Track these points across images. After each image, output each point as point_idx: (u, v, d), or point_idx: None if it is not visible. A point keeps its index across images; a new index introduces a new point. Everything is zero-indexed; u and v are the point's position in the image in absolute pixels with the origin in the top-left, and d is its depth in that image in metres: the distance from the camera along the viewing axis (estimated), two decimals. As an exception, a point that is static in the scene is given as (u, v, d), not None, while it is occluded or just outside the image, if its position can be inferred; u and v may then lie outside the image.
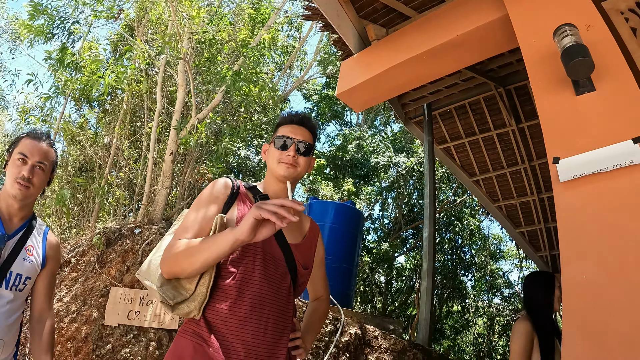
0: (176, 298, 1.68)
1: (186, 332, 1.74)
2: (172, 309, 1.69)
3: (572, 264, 2.12)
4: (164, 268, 1.70)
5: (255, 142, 13.04)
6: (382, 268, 16.42)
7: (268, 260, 1.85)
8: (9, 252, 2.23)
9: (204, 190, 1.92)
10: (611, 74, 2.36)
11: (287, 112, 2.13)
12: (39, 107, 9.31)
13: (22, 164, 2.28)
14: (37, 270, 2.37)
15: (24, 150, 2.31)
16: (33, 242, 2.37)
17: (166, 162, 7.10)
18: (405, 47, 3.89)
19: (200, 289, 1.71)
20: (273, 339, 1.78)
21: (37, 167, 2.32)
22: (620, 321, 1.88)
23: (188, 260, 1.65)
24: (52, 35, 8.80)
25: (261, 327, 1.75)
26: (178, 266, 1.68)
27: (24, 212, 2.37)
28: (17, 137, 2.41)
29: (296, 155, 1.98)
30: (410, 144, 17.47)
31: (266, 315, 1.77)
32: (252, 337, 1.72)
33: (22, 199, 2.30)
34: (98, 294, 5.35)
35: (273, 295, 1.82)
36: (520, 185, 8.29)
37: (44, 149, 2.36)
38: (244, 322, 1.72)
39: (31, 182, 2.29)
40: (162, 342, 4.97)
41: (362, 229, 8.09)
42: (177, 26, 7.11)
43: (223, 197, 1.90)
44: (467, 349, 18.39)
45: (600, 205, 2.14)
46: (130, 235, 5.92)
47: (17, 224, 2.34)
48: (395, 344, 5.20)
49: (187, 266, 1.66)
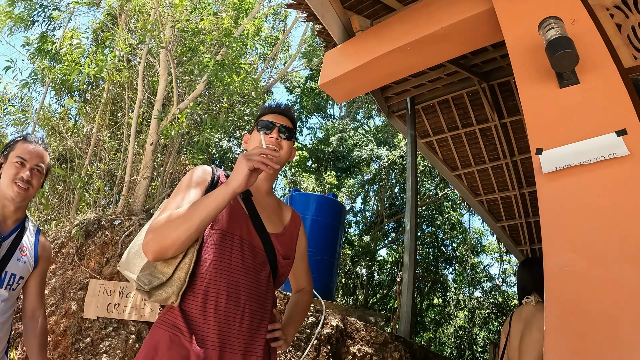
0: (152, 283, 1.62)
1: (162, 322, 1.70)
2: (149, 295, 1.63)
3: (555, 256, 2.12)
4: (152, 247, 1.60)
5: (237, 134, 12.96)
6: (364, 261, 16.50)
7: (246, 248, 1.81)
8: (4, 253, 2.32)
9: (186, 177, 1.88)
10: (595, 67, 2.37)
11: (269, 104, 2.14)
12: (18, 96, 9.14)
13: (21, 167, 2.39)
14: (30, 270, 2.48)
15: (22, 153, 2.40)
16: (26, 242, 2.47)
17: (147, 153, 7.01)
18: (390, 39, 3.88)
19: (179, 273, 1.66)
20: (250, 329, 1.75)
21: (35, 170, 2.43)
22: (602, 312, 1.89)
23: (184, 225, 1.59)
24: (32, 22, 8.65)
25: (237, 316, 1.72)
26: (169, 237, 1.59)
27: (18, 214, 2.46)
28: (12, 140, 2.50)
29: (279, 138, 1.99)
30: (393, 137, 17.52)
31: (242, 305, 1.74)
32: (227, 326, 1.69)
33: (20, 200, 2.40)
34: (77, 286, 5.28)
35: (250, 284, 1.79)
36: (502, 180, 8.34)
37: (41, 153, 2.48)
38: (219, 311, 1.69)
39: (30, 184, 2.40)
40: (141, 335, 4.92)
41: (344, 222, 8.09)
42: (159, 14, 7.01)
43: (204, 184, 1.86)
44: (448, 341, 18.58)
45: (582, 197, 2.15)
46: (110, 226, 5.84)
47: (11, 226, 2.43)
48: (377, 336, 5.21)
49: (181, 233, 1.59)
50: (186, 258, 1.68)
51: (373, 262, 16.87)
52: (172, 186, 8.20)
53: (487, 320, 18.11)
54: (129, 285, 5.12)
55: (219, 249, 1.75)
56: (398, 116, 7.43)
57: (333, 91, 4.43)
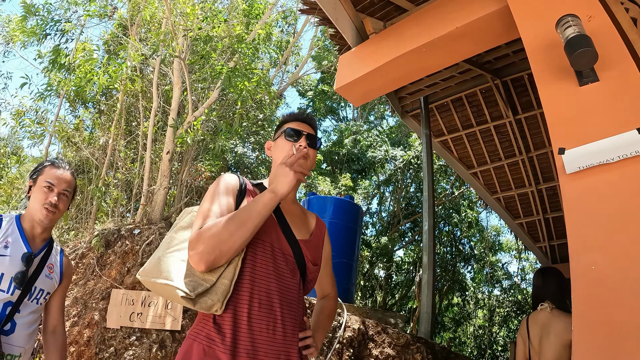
0: (196, 289, 1.60)
1: (195, 334, 1.71)
2: (194, 303, 1.60)
3: (581, 256, 2.11)
4: (207, 255, 1.60)
5: (252, 139, 13.00)
6: (382, 262, 16.45)
7: (277, 255, 1.82)
8: (34, 269, 2.45)
9: (215, 184, 1.88)
10: (614, 64, 2.35)
11: (291, 112, 2.16)
12: (34, 109, 9.25)
13: (49, 192, 2.51)
14: (55, 286, 2.61)
15: (51, 179, 2.53)
16: (52, 261, 2.60)
17: (163, 162, 7.05)
18: (404, 40, 3.87)
19: (223, 281, 1.65)
20: (284, 336, 1.74)
21: (63, 195, 2.56)
22: (629, 311, 1.88)
23: (240, 231, 1.63)
24: (44, 35, 8.74)
25: (271, 324, 1.71)
26: (226, 244, 1.61)
27: (45, 234, 2.60)
28: (41, 165, 2.63)
29: (307, 146, 2.01)
30: (407, 137, 17.47)
31: (276, 312, 1.74)
32: (261, 334, 1.69)
33: (48, 223, 2.52)
34: (99, 296, 5.32)
35: (283, 291, 1.79)
36: (518, 177, 8.29)
37: (68, 178, 2.61)
38: (253, 319, 1.68)
39: (57, 208, 2.52)
40: (164, 344, 4.95)
41: (361, 224, 8.07)
42: (171, 24, 7.06)
43: (235, 192, 1.87)
44: (468, 341, 18.46)
45: (607, 196, 2.13)
46: (130, 236, 5.89)
47: (40, 244, 2.55)
48: (399, 338, 5.19)
49: (237, 238, 1.62)
50: (230, 266, 1.68)
51: (391, 263, 16.82)
52: (189, 194, 8.25)
53: (506, 318, 17.97)
54: (151, 294, 5.15)
55: (252, 257, 1.76)
56: (412, 116, 7.41)
57: (349, 95, 4.43)
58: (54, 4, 9.22)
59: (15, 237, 2.44)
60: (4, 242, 2.37)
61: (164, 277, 1.65)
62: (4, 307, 2.29)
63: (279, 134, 2.09)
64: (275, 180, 1.75)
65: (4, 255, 2.34)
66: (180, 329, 5.00)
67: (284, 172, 1.74)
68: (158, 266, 1.71)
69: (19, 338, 2.35)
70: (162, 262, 1.72)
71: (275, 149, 2.09)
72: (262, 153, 13.43)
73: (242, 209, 1.70)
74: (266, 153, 2.19)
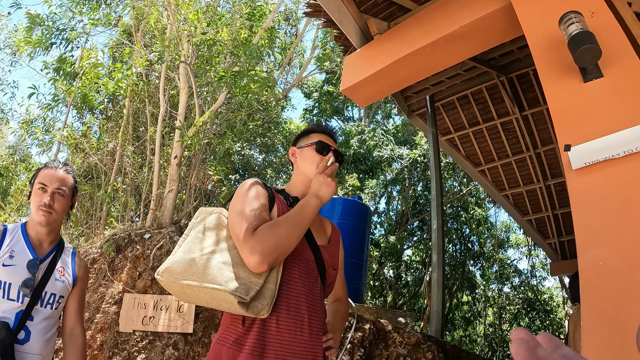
0: (249, 293, 1.61)
1: (223, 340, 1.72)
2: (248, 307, 1.61)
3: (588, 251, 2.12)
4: (268, 257, 1.64)
5: (258, 141, 13.03)
6: (391, 262, 16.43)
7: (302, 260, 1.87)
8: (42, 274, 2.44)
9: (246, 189, 1.90)
10: (618, 59, 2.36)
11: (318, 123, 2.31)
12: (41, 117, 9.34)
13: (42, 193, 2.49)
14: (69, 289, 2.59)
15: (43, 179, 2.51)
16: (63, 263, 2.59)
17: (172, 166, 7.10)
18: (408, 40, 3.89)
19: (268, 285, 1.68)
20: (310, 339, 1.78)
21: (57, 194, 2.52)
22: (638, 305, 1.88)
23: (295, 234, 1.74)
24: (50, 44, 8.83)
25: (298, 328, 1.75)
26: (286, 246, 1.70)
27: (52, 237, 2.57)
28: (37, 169, 2.61)
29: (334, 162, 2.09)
30: (413, 136, 17.44)
31: (303, 316, 1.78)
32: (290, 338, 1.72)
33: (47, 224, 2.49)
34: (111, 301, 5.37)
35: (308, 295, 1.83)
36: (526, 173, 8.28)
37: (61, 176, 2.56)
38: (281, 323, 1.72)
39: (53, 208, 2.49)
40: (177, 346, 4.98)
41: (370, 224, 8.08)
42: (176, 29, 7.10)
43: (266, 198, 1.90)
44: (478, 339, 18.40)
45: (613, 191, 2.14)
46: (140, 240, 5.93)
47: (47, 249, 2.54)
48: (410, 338, 5.20)
49: (294, 240, 1.73)
50: (273, 270, 1.71)
51: (400, 262, 16.80)
52: (197, 198, 8.28)
53: (517, 316, 17.90)
54: (163, 297, 5.20)
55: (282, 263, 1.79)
56: (418, 115, 7.42)
57: (355, 96, 4.46)
58: (59, 14, 9.32)
59: (21, 246, 2.44)
60: (9, 252, 2.39)
61: (209, 281, 1.63)
62: (16, 316, 2.30)
63: (307, 144, 2.15)
64: (319, 188, 1.88)
65: (10, 265, 2.35)
66: (192, 332, 5.04)
67: (327, 181, 1.89)
68: (193, 268, 1.68)
69: (35, 345, 2.35)
70: (200, 265, 1.69)
71: (302, 158, 2.15)
72: (268, 155, 13.47)
73: (294, 213, 1.80)
74: (290, 158, 2.23)
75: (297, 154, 2.17)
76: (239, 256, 1.71)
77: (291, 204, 1.98)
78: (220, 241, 1.79)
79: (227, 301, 1.60)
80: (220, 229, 1.84)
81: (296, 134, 2.52)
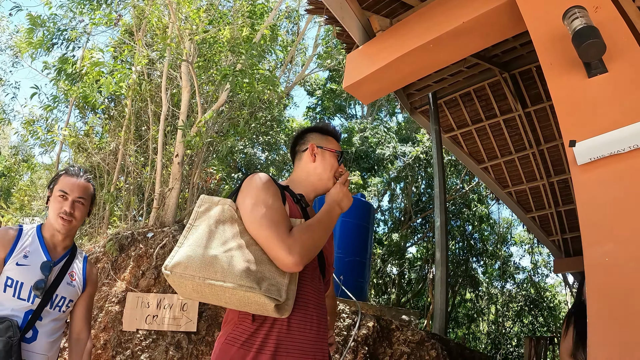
0: (281, 293, 1.59)
1: (232, 339, 1.70)
2: (279, 309, 1.60)
3: (594, 247, 2.11)
4: (304, 259, 1.65)
5: (261, 139, 13.03)
6: (394, 259, 16.42)
7: None
8: (55, 277, 2.48)
9: (263, 183, 1.84)
10: (622, 54, 2.35)
11: (334, 128, 2.30)
12: (44, 118, 9.35)
13: (63, 200, 2.50)
14: (79, 293, 2.64)
15: (64, 187, 2.52)
16: (75, 268, 2.62)
17: (174, 165, 7.09)
18: (411, 37, 3.87)
19: (291, 286, 1.67)
20: (317, 335, 1.79)
21: (78, 202, 2.55)
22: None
23: (326, 236, 1.81)
24: (52, 45, 8.83)
25: (307, 324, 1.76)
26: (316, 248, 1.75)
27: (66, 242, 2.60)
28: (57, 174, 2.62)
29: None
30: (415, 133, 17.41)
31: (310, 313, 1.79)
32: (299, 335, 1.73)
33: (65, 232, 2.53)
34: (115, 300, 5.37)
35: (314, 292, 1.85)
36: (529, 170, 8.26)
37: (83, 185, 2.58)
38: (292, 322, 1.72)
39: (73, 216, 2.52)
40: (181, 345, 4.98)
41: (373, 222, 8.08)
42: (177, 28, 7.09)
43: (280, 196, 1.85)
44: (481, 336, 18.39)
45: (618, 186, 2.13)
46: (144, 239, 5.93)
47: (61, 253, 2.58)
48: (413, 335, 5.19)
49: (322, 243, 1.79)
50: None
51: (403, 260, 16.79)
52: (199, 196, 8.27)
53: (520, 313, 17.88)
54: (167, 296, 5.20)
55: None
56: (421, 112, 7.41)
57: (358, 93, 4.44)
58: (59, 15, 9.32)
59: (35, 247, 2.47)
60: (23, 252, 2.41)
61: (240, 282, 1.55)
62: (25, 315, 2.33)
63: (329, 149, 2.17)
64: (341, 200, 1.97)
65: (24, 264, 2.38)
66: (195, 331, 5.04)
67: (349, 195, 2.00)
68: (216, 266, 1.58)
69: (41, 346, 2.38)
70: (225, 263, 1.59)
71: (322, 160, 2.14)
72: (271, 153, 13.46)
73: (323, 218, 1.85)
74: (308, 152, 2.15)
75: (318, 154, 2.14)
76: (260, 253, 1.64)
77: (298, 201, 1.98)
78: (237, 237, 1.67)
79: (258, 303, 1.56)
80: (233, 222, 1.71)
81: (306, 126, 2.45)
